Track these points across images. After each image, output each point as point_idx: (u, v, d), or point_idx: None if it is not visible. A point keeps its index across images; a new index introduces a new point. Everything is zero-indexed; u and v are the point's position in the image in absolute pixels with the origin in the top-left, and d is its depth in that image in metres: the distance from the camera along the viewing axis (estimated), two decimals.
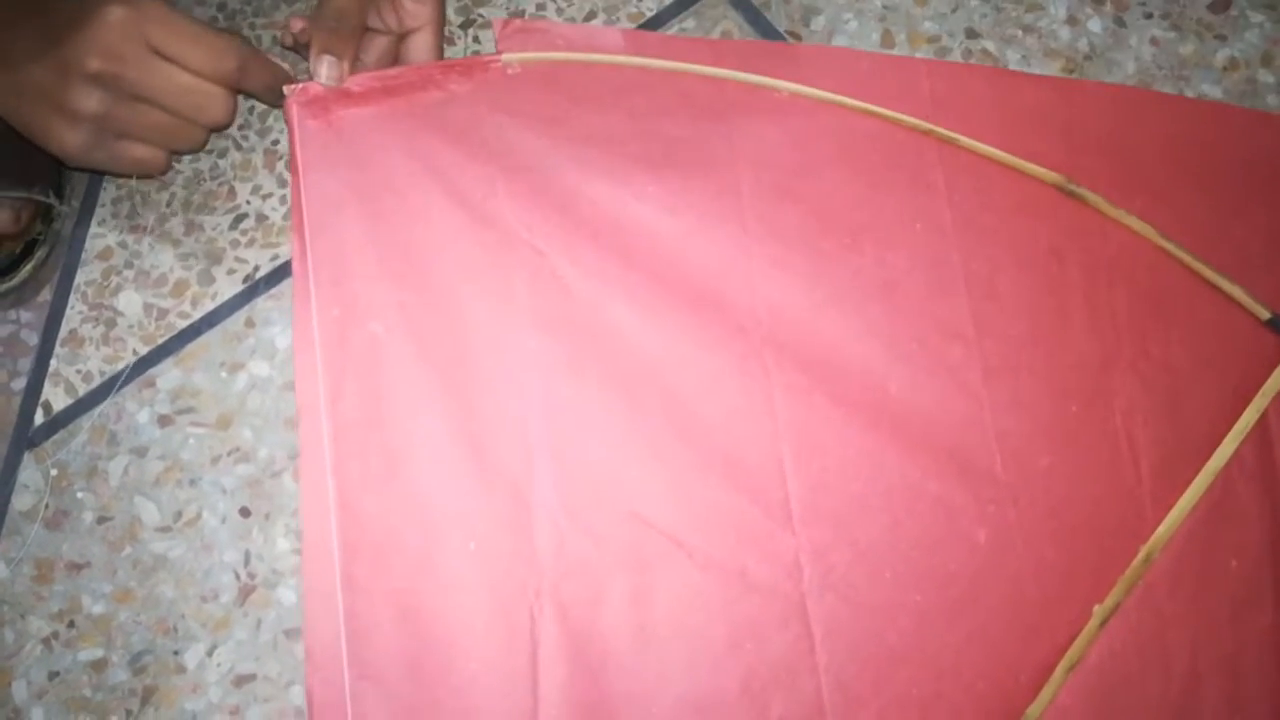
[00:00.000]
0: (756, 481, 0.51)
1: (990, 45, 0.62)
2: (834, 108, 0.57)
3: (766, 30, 0.61)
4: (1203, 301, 0.55)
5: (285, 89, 0.54)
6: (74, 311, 0.58)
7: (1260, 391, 0.53)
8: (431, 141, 0.54)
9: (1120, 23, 0.62)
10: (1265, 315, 0.55)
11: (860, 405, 0.52)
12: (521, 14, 0.62)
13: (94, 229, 0.60)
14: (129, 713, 0.52)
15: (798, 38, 0.61)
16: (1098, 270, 0.55)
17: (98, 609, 0.53)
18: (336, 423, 0.51)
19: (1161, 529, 0.51)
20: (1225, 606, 0.51)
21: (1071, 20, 0.62)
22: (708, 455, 0.51)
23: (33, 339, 0.58)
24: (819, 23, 0.62)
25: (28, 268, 0.58)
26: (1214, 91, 0.61)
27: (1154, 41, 0.62)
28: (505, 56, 0.56)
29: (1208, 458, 0.53)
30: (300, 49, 0.57)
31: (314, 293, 0.52)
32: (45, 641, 0.53)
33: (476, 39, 0.62)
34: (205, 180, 0.60)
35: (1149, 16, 0.62)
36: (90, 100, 0.50)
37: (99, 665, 0.52)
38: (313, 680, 0.48)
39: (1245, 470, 0.53)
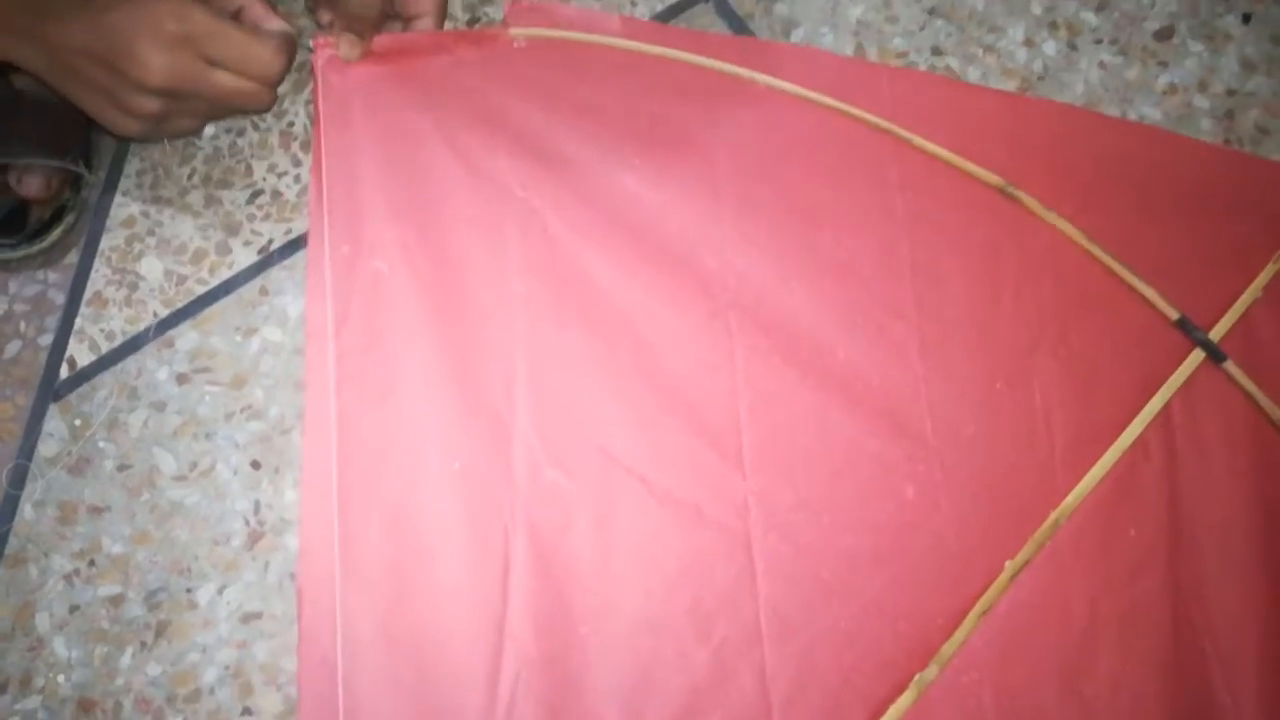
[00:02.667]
0: (715, 429, 0.55)
1: (953, 62, 0.65)
2: (805, 103, 0.61)
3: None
4: (1120, 300, 0.59)
5: (312, 42, 0.58)
6: (98, 274, 0.61)
7: (1165, 384, 0.58)
8: (440, 100, 0.59)
9: (1073, 46, 0.65)
10: (1174, 316, 0.59)
11: (811, 368, 0.57)
12: None
13: (119, 198, 0.62)
14: (144, 644, 0.54)
15: None
16: (1028, 265, 0.59)
17: (116, 549, 0.56)
18: (340, 347, 0.54)
19: (1070, 497, 0.56)
20: (1123, 569, 0.55)
21: (1029, 42, 0.65)
22: (673, 402, 0.55)
23: (59, 299, 0.61)
24: (798, 35, 0.65)
25: (56, 232, 0.60)
26: (1154, 113, 0.64)
27: (1102, 65, 0.65)
28: (513, 30, 0.60)
29: (1115, 438, 0.57)
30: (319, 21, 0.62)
31: (327, 229, 0.56)
32: (67, 578, 0.55)
33: None
34: (224, 157, 0.63)
35: (1099, 42, 0.66)
36: (151, 105, 0.55)
37: (117, 600, 0.55)
38: (304, 575, 0.52)
39: (1148, 452, 0.57)
